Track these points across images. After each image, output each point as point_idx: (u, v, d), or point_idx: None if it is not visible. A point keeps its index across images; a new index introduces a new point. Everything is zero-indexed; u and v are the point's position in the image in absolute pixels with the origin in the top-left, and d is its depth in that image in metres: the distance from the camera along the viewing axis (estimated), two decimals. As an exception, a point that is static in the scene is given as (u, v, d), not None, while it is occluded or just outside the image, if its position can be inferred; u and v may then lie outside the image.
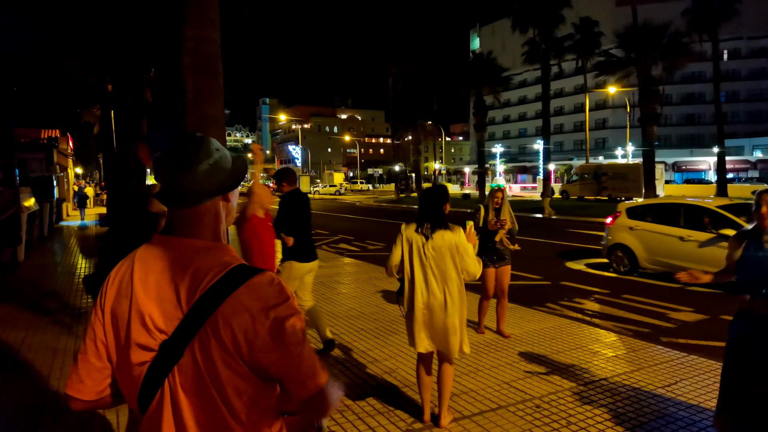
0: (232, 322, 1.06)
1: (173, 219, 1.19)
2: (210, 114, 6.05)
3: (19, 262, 10.83)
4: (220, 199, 1.22)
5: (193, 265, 1.12)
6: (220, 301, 1.07)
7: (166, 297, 1.12)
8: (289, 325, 1.10)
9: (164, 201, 1.19)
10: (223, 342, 1.06)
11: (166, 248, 1.17)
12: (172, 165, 1.15)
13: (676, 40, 25.31)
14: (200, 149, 1.17)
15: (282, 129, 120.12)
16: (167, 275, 1.13)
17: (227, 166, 1.21)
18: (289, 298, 1.13)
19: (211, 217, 1.21)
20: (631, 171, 33.93)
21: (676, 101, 63.94)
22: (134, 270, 1.17)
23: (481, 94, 37.70)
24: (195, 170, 1.15)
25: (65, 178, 26.83)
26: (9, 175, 8.94)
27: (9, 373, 4.78)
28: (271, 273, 1.15)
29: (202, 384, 1.08)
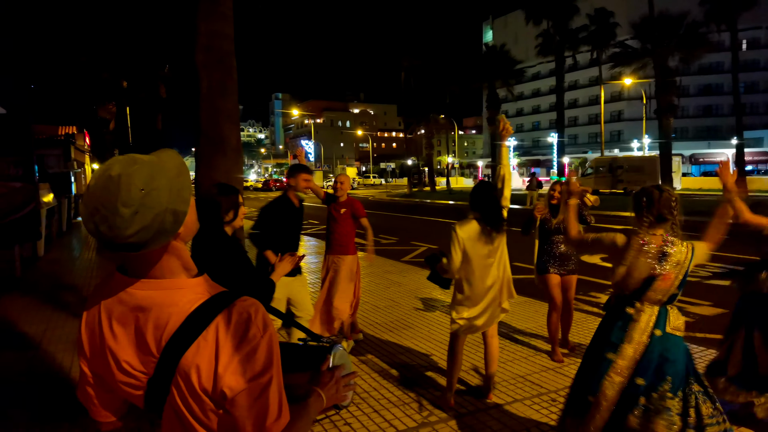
0: (197, 365, 1.03)
1: (126, 259, 1.10)
2: (224, 109, 6.08)
3: (39, 257, 11.02)
4: (172, 239, 1.08)
5: (156, 310, 1.07)
6: (185, 349, 1.04)
7: (135, 345, 1.09)
8: (259, 365, 1.04)
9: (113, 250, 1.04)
10: (192, 385, 1.04)
11: (128, 292, 1.10)
12: (94, 214, 1.00)
13: (694, 30, 24.90)
14: (118, 196, 0.98)
15: (294, 124, 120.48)
16: (133, 323, 1.09)
17: (160, 201, 1.01)
18: (255, 333, 1.05)
19: (167, 254, 1.09)
20: (647, 164, 33.51)
21: (693, 92, 62.90)
22: (101, 317, 1.13)
23: (494, 87, 37.48)
24: (116, 224, 0.98)
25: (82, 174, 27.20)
26: (28, 171, 9.07)
27: (30, 367, 4.88)
28: (238, 306, 1.07)
29: (187, 418, 1.08)
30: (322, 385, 1.33)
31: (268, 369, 1.05)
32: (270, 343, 1.07)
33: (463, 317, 3.70)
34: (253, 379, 1.03)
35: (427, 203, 30.89)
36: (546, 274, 4.88)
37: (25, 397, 4.22)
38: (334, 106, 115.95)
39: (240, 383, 1.02)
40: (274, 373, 1.06)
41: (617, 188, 35.19)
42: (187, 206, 1.08)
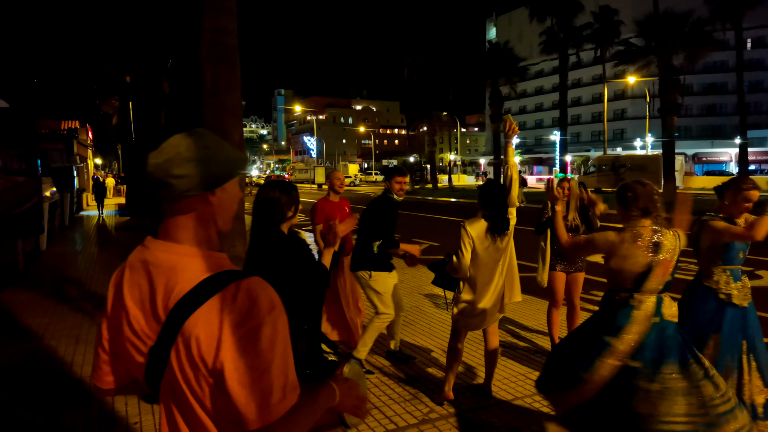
0: (197, 335, 1.04)
1: (160, 219, 1.17)
2: (227, 104, 6.09)
3: (42, 251, 11.06)
4: (203, 200, 1.15)
5: (169, 273, 1.10)
6: (188, 315, 1.05)
7: (147, 303, 1.12)
8: (261, 343, 1.03)
9: (152, 192, 1.16)
10: (191, 353, 1.04)
11: (150, 252, 1.15)
12: (155, 155, 1.13)
13: (699, 29, 24.78)
14: (182, 142, 1.13)
15: (297, 120, 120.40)
16: (147, 281, 1.13)
17: (215, 161, 1.14)
18: (259, 312, 1.05)
19: (194, 219, 1.15)
20: (650, 162, 33.41)
21: (697, 91, 62.66)
22: (125, 274, 1.18)
23: (497, 85, 37.42)
24: (170, 161, 1.11)
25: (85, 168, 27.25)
26: (31, 165, 9.09)
27: (32, 359, 4.90)
28: (248, 282, 1.08)
29: (182, 390, 1.08)
30: (337, 379, 1.29)
31: (271, 348, 1.04)
32: (275, 323, 1.06)
33: (464, 314, 3.71)
34: (253, 356, 1.02)
35: (429, 200, 30.88)
36: (552, 271, 4.90)
37: (27, 388, 4.24)
38: (337, 103, 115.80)
39: (239, 359, 1.01)
40: (277, 353, 1.05)
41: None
42: (231, 173, 1.18)
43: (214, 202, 1.16)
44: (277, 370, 1.05)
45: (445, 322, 5.77)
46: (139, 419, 3.63)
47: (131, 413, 3.71)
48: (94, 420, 3.68)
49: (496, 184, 3.71)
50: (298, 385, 1.10)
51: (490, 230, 3.56)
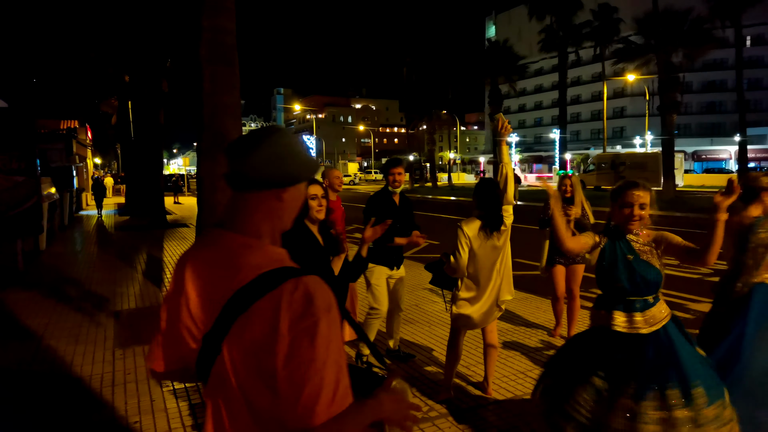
0: (253, 328, 1.04)
1: (227, 209, 1.20)
2: (226, 104, 6.09)
3: (41, 251, 11.06)
4: (274, 196, 1.18)
5: (231, 263, 1.12)
6: (246, 307, 1.05)
7: (206, 291, 1.14)
8: (315, 343, 1.02)
9: (227, 182, 1.20)
10: (244, 345, 1.04)
11: (214, 241, 1.18)
12: (234, 146, 1.17)
13: (698, 27, 24.77)
14: (267, 137, 1.17)
15: (296, 119, 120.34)
16: (209, 270, 1.15)
17: (294, 161, 1.18)
18: (316, 310, 1.04)
19: (262, 213, 1.18)
20: (649, 160, 33.42)
21: (697, 89, 62.64)
22: (188, 261, 1.21)
23: (496, 83, 37.40)
24: (251, 153, 1.15)
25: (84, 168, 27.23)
26: (30, 165, 9.09)
27: (33, 360, 4.90)
28: (307, 280, 1.07)
29: (230, 380, 1.08)
30: (386, 392, 1.23)
31: (325, 349, 1.02)
32: (330, 325, 1.05)
33: (463, 313, 3.71)
34: (306, 355, 1.01)
35: (429, 199, 30.87)
36: (553, 266, 5.04)
37: (27, 388, 4.24)
38: (336, 102, 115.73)
39: (292, 357, 1.00)
40: (331, 356, 1.03)
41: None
42: (303, 176, 1.21)
43: (285, 199, 1.19)
44: (329, 373, 1.02)
45: (446, 320, 5.77)
46: (139, 419, 3.63)
47: (131, 413, 3.72)
48: (94, 420, 3.69)
49: (491, 182, 3.72)
50: (351, 393, 1.07)
51: (486, 228, 3.57)
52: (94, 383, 4.25)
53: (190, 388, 4.11)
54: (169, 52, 17.62)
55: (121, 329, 5.70)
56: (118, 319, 6.12)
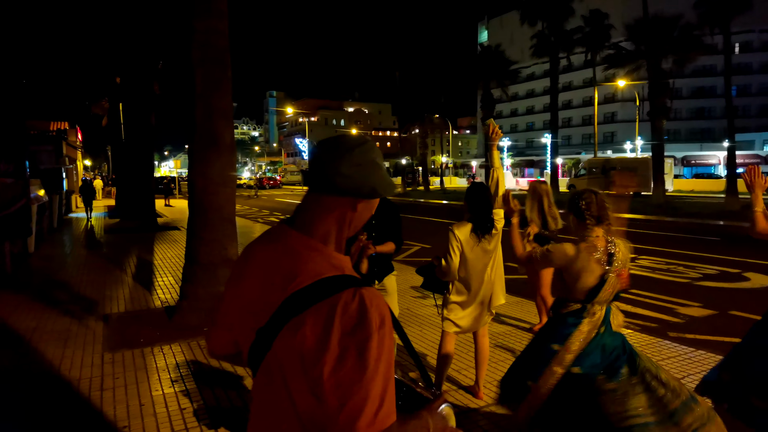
0: (305, 331, 1.03)
1: (299, 209, 1.21)
2: (218, 106, 6.07)
3: (30, 253, 10.95)
4: (349, 204, 1.18)
5: (293, 263, 1.12)
6: (301, 309, 1.05)
7: (265, 287, 1.14)
8: (364, 357, 1.00)
9: (306, 181, 1.22)
10: (295, 347, 1.04)
11: (281, 237, 1.20)
12: (325, 147, 1.20)
13: (688, 33, 25.00)
14: (359, 145, 1.19)
15: (289, 122, 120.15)
16: (270, 266, 1.16)
17: (375, 175, 1.18)
18: (370, 325, 1.02)
19: (333, 218, 1.18)
20: (639, 165, 33.67)
21: (686, 95, 63.33)
22: (252, 253, 1.24)
23: (488, 88, 37.57)
24: (342, 156, 1.16)
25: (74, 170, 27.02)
26: (19, 167, 9.00)
27: (21, 363, 4.85)
28: (364, 292, 1.06)
29: (278, 378, 1.09)
30: (431, 413, 1.18)
31: (374, 366, 1.00)
32: (383, 340, 1.03)
33: (455, 317, 3.72)
34: (354, 368, 0.99)
35: (421, 203, 30.91)
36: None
37: (14, 393, 4.19)
38: (329, 105, 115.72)
39: (340, 368, 0.99)
40: (379, 373, 1.01)
41: (610, 190, 35.32)
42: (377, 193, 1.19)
43: (358, 210, 1.19)
44: (375, 390, 0.99)
45: (437, 323, 5.77)
46: (128, 423, 3.60)
47: (120, 417, 3.68)
48: (82, 423, 3.65)
49: (481, 186, 3.74)
50: (394, 413, 1.03)
51: (477, 232, 3.58)
52: (82, 387, 4.21)
53: (180, 392, 4.08)
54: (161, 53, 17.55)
55: (110, 332, 5.65)
56: (107, 322, 6.07)
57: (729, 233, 14.54)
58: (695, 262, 9.93)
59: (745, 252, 10.92)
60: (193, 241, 6.09)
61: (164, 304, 6.90)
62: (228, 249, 6.13)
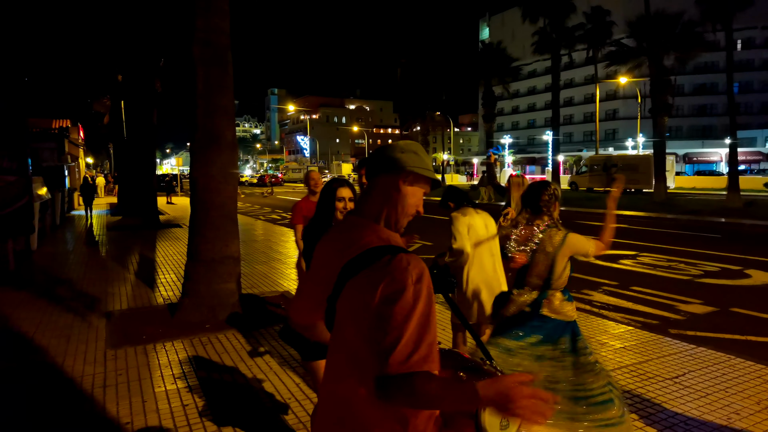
0: (360, 289, 1.26)
1: (359, 197, 1.49)
2: (220, 104, 6.08)
3: (33, 251, 10.98)
4: (392, 184, 1.41)
5: (350, 239, 1.38)
6: (354, 273, 1.29)
7: (331, 261, 1.40)
8: (398, 305, 1.20)
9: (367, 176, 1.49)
10: (353, 303, 1.27)
11: (345, 222, 1.47)
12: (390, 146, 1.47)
13: (689, 30, 24.90)
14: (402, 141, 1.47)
15: (290, 119, 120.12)
16: (337, 243, 1.42)
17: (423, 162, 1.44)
18: (406, 279, 1.23)
19: (381, 197, 1.42)
20: (641, 162, 33.63)
21: (688, 92, 63.14)
22: (325, 237, 1.52)
23: (490, 85, 37.49)
24: (392, 144, 1.44)
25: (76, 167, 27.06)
26: (21, 164, 9.03)
27: (24, 359, 4.87)
28: (404, 255, 1.28)
29: (343, 332, 1.32)
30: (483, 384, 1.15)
31: (410, 312, 1.20)
32: (419, 294, 1.23)
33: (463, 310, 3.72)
34: (396, 312, 1.19)
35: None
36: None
37: (18, 389, 4.22)
38: (330, 102, 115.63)
39: (386, 311, 1.20)
40: (415, 320, 1.20)
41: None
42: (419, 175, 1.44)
43: (402, 192, 1.42)
44: (409, 334, 1.18)
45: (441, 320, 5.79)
46: (131, 420, 3.62)
47: (123, 413, 3.71)
48: (85, 419, 3.67)
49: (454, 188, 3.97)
50: (433, 363, 1.22)
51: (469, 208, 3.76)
52: (85, 383, 4.24)
53: (182, 388, 4.11)
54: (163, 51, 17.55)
55: (113, 329, 5.68)
56: (110, 319, 6.10)
57: (730, 230, 14.53)
58: (696, 259, 9.92)
59: (746, 249, 10.91)
60: (194, 239, 6.11)
61: (167, 301, 6.93)
62: (230, 246, 6.15)
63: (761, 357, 4.72)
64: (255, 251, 11.13)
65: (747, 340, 5.36)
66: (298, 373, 4.38)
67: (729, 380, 4.17)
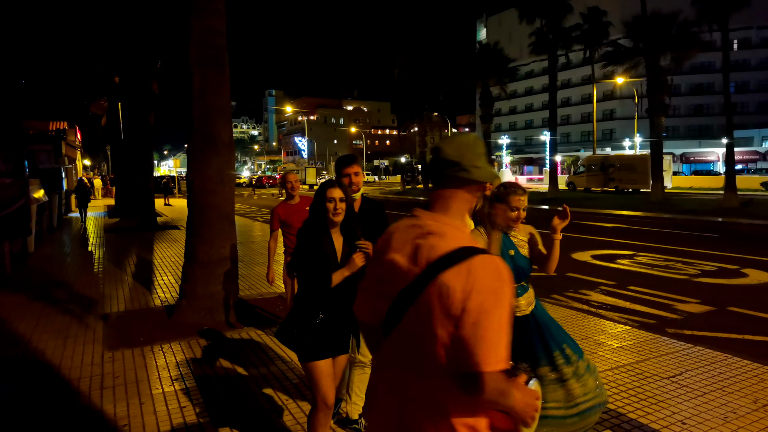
0: (452, 285, 1.29)
1: (437, 195, 1.48)
2: (216, 105, 6.08)
3: (29, 253, 10.95)
4: (475, 190, 1.47)
5: (436, 236, 1.39)
6: (445, 268, 1.31)
7: (411, 255, 1.41)
8: (481, 308, 1.26)
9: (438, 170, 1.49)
10: (441, 298, 1.29)
11: (423, 220, 1.47)
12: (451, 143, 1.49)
13: (686, 30, 24.96)
14: (479, 142, 1.50)
15: (288, 121, 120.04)
16: (416, 239, 1.42)
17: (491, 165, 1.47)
18: (500, 280, 1.29)
19: (463, 201, 1.47)
20: (638, 162, 33.71)
21: (685, 92, 63.30)
22: (394, 232, 1.52)
23: (487, 85, 37.53)
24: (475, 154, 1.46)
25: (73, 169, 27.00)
26: (18, 167, 9.01)
27: (21, 361, 4.86)
28: (494, 258, 1.34)
29: (422, 326, 1.34)
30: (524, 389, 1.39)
31: (502, 315, 1.27)
32: (510, 296, 1.31)
33: None
34: (489, 313, 1.25)
35: (421, 200, 30.88)
36: None
37: (14, 392, 4.21)
38: (328, 103, 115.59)
39: (479, 312, 1.25)
40: (504, 322, 1.27)
41: (609, 186, 35.39)
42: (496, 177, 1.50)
43: (480, 195, 1.50)
44: (501, 337, 1.26)
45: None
46: (128, 422, 3.61)
47: (120, 415, 3.70)
48: (82, 421, 3.66)
49: None
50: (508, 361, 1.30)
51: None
52: (82, 385, 4.23)
53: (180, 390, 4.10)
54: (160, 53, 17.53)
55: (110, 331, 5.67)
56: (107, 321, 6.08)
57: (727, 230, 14.56)
58: (693, 258, 9.95)
59: (743, 248, 10.94)
60: (191, 240, 6.10)
61: (164, 303, 6.91)
62: (227, 248, 6.15)
63: (758, 356, 4.73)
64: (253, 252, 11.12)
65: (744, 339, 5.38)
66: (296, 373, 4.38)
67: (726, 379, 4.18)
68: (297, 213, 4.80)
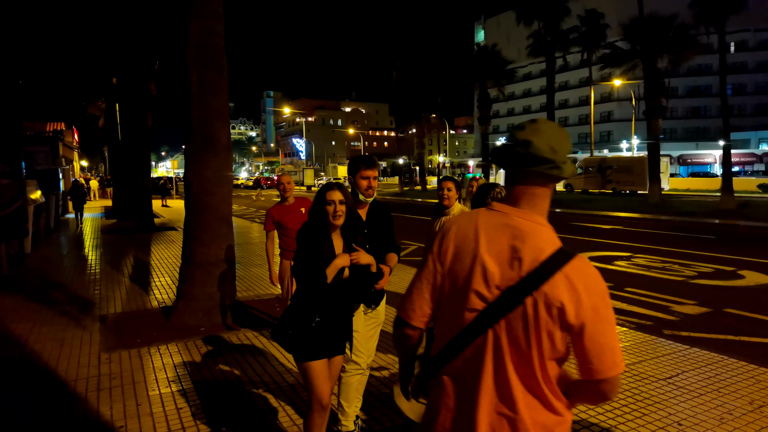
0: (559, 295, 1.26)
1: (519, 192, 1.40)
2: (214, 107, 6.08)
3: (26, 255, 10.92)
4: (554, 186, 1.43)
5: (531, 236, 1.33)
6: (550, 275, 1.27)
7: (504, 260, 1.33)
8: (597, 315, 1.26)
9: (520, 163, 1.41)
10: (549, 306, 1.26)
11: (510, 217, 1.38)
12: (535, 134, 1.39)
13: (683, 33, 25.04)
14: (562, 132, 1.42)
15: (286, 122, 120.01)
16: (509, 239, 1.35)
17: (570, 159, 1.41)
18: (600, 287, 1.29)
19: (546, 197, 1.41)
20: (636, 164, 33.77)
21: (682, 94, 63.47)
22: (479, 230, 1.39)
23: (485, 87, 37.62)
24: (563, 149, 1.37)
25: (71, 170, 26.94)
26: (15, 167, 8.99)
27: (17, 363, 4.85)
28: (583, 259, 1.31)
29: (523, 336, 1.29)
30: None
31: (612, 317, 1.28)
32: (608, 296, 1.30)
33: None
34: (604, 320, 1.26)
35: (419, 202, 30.93)
36: None
37: (11, 393, 4.20)
38: (326, 105, 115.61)
39: (595, 321, 1.25)
40: (614, 324, 1.29)
41: (606, 188, 35.45)
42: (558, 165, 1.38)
43: (548, 186, 1.41)
44: (615, 339, 1.28)
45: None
46: (125, 423, 3.61)
47: (117, 417, 3.69)
48: (79, 423, 3.66)
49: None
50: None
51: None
52: (79, 387, 4.22)
53: (177, 392, 4.09)
54: (157, 54, 17.52)
55: (107, 333, 5.65)
56: (104, 322, 6.07)
57: (724, 231, 14.60)
58: (690, 260, 9.97)
59: (740, 250, 10.97)
60: (189, 242, 6.10)
61: (161, 305, 6.90)
62: (224, 249, 6.14)
63: (754, 357, 4.75)
64: (250, 254, 11.11)
65: (740, 341, 5.39)
66: (292, 375, 4.38)
67: (722, 380, 4.19)
68: (291, 214, 4.88)
